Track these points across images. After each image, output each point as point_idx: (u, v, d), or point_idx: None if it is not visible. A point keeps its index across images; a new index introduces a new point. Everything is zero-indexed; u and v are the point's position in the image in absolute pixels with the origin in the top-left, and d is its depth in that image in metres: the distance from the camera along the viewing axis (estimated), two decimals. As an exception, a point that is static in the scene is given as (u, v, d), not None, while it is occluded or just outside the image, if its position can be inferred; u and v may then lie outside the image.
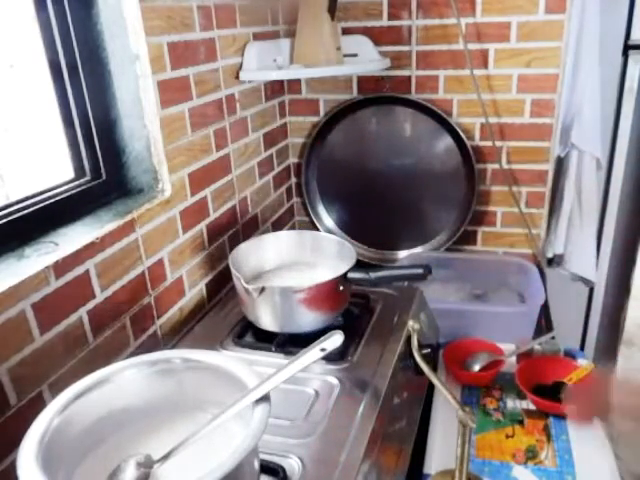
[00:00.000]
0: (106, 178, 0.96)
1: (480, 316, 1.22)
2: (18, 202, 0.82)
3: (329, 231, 1.59)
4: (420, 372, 0.82)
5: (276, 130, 1.48)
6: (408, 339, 0.86)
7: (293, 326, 0.94)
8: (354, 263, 0.96)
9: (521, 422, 1.00)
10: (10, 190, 0.85)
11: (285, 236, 1.11)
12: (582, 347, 1.88)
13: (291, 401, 0.81)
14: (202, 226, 1.13)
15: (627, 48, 1.51)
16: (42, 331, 0.74)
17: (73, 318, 0.80)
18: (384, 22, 1.41)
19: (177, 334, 1.05)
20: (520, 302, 1.35)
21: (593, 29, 1.36)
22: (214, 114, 1.15)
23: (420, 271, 0.92)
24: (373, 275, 0.94)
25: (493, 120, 1.43)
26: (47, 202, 0.84)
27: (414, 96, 1.46)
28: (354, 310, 1.03)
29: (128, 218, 0.90)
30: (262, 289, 0.90)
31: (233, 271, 0.95)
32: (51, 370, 0.76)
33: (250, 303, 0.95)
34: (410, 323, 0.86)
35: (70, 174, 0.92)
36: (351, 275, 0.94)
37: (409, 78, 1.45)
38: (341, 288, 0.94)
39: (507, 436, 0.97)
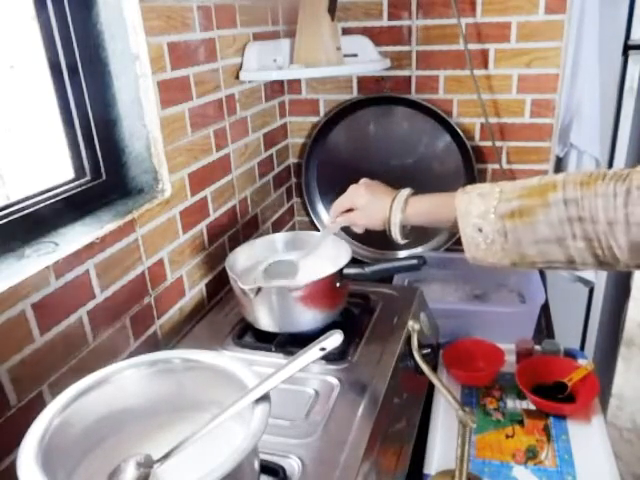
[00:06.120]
0: (106, 178, 0.96)
1: (480, 316, 1.22)
2: (18, 202, 0.82)
3: (329, 231, 1.59)
4: (420, 372, 0.82)
5: (276, 130, 1.48)
6: (408, 339, 0.86)
7: (292, 325, 0.95)
8: (349, 259, 0.96)
9: (521, 422, 1.00)
10: (10, 190, 0.85)
11: (281, 237, 1.11)
12: (582, 347, 1.89)
13: (291, 401, 0.81)
14: (202, 226, 1.13)
15: (627, 48, 1.52)
16: (42, 331, 0.74)
17: (73, 318, 0.80)
18: (384, 22, 1.41)
19: (177, 334, 1.05)
20: (520, 302, 1.35)
21: (593, 29, 1.36)
22: (214, 114, 1.15)
23: (414, 262, 0.92)
24: (368, 269, 0.94)
25: (493, 120, 1.43)
26: (47, 202, 0.84)
27: (414, 96, 1.46)
28: (354, 310, 1.03)
29: (128, 218, 0.90)
30: (258, 289, 0.90)
31: (230, 273, 0.95)
32: (51, 370, 0.76)
33: (248, 304, 0.95)
34: (410, 323, 0.85)
35: (70, 174, 0.92)
36: (347, 271, 0.94)
37: (409, 78, 1.45)
38: (338, 285, 0.94)
39: (507, 436, 0.97)
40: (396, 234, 0.85)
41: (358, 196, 0.89)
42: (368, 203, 0.88)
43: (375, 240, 1.59)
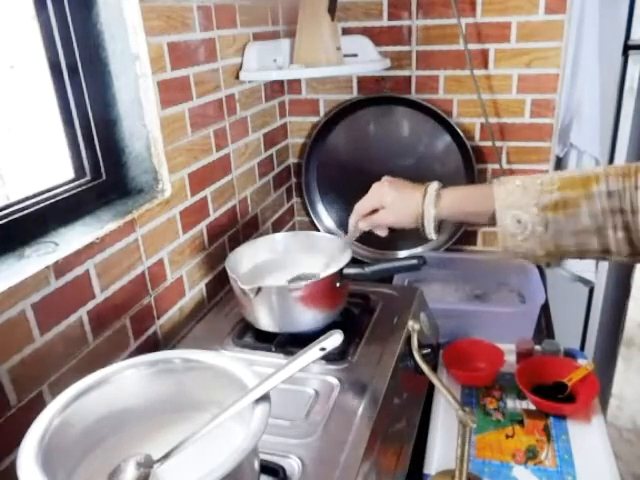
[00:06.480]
0: (106, 178, 0.96)
1: (480, 316, 1.22)
2: (18, 202, 0.82)
3: (329, 231, 1.59)
4: (420, 372, 0.82)
5: (276, 130, 1.48)
6: (408, 339, 0.86)
7: (292, 326, 0.95)
8: (349, 259, 0.96)
9: (521, 422, 1.00)
10: (10, 190, 0.85)
11: (281, 237, 1.11)
12: (582, 347, 1.89)
13: (291, 401, 0.81)
14: (202, 226, 1.13)
15: (627, 48, 1.51)
16: (42, 331, 0.74)
17: (73, 318, 0.80)
18: (384, 22, 1.41)
19: (177, 334, 1.05)
20: (520, 302, 1.35)
21: (593, 29, 1.36)
22: (214, 114, 1.15)
23: (414, 262, 0.92)
24: (368, 269, 0.94)
25: (493, 120, 1.43)
26: (47, 202, 0.84)
27: (414, 96, 1.46)
28: (354, 310, 1.03)
29: (128, 218, 0.90)
30: (259, 289, 0.90)
31: (230, 273, 0.95)
32: (51, 370, 0.76)
33: (248, 304, 0.95)
34: (410, 323, 0.85)
35: (70, 174, 0.92)
36: (347, 271, 0.94)
37: (409, 78, 1.45)
38: (338, 285, 0.94)
39: (507, 436, 0.97)
40: (430, 229, 0.83)
41: (383, 194, 0.86)
42: (395, 200, 0.85)
43: (375, 240, 1.58)
